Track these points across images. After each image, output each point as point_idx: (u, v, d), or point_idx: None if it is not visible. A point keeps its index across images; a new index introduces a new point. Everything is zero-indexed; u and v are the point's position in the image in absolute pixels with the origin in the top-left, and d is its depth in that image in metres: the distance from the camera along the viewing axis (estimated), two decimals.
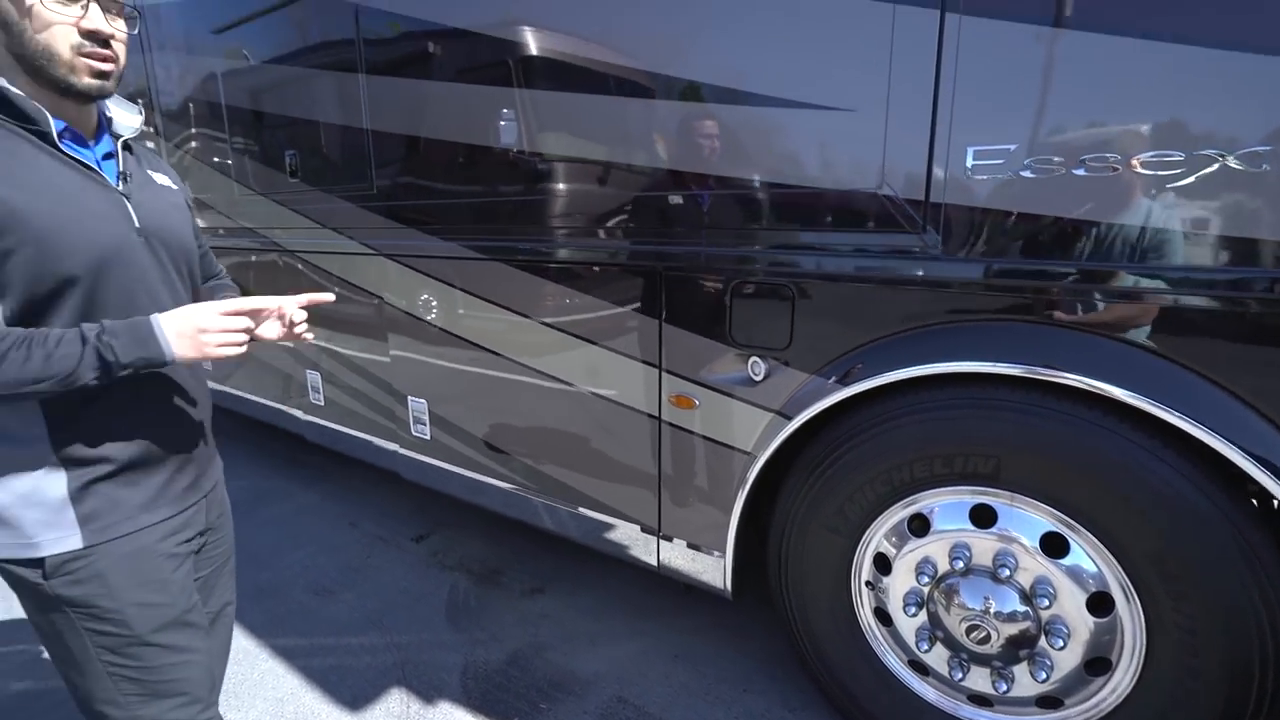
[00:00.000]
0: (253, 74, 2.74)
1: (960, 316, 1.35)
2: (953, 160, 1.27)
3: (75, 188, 0.94)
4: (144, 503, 1.01)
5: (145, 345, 0.91)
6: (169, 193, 1.13)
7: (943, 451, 1.41)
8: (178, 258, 1.07)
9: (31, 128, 0.92)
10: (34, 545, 0.94)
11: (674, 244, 1.68)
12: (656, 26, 1.61)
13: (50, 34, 0.89)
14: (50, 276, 0.89)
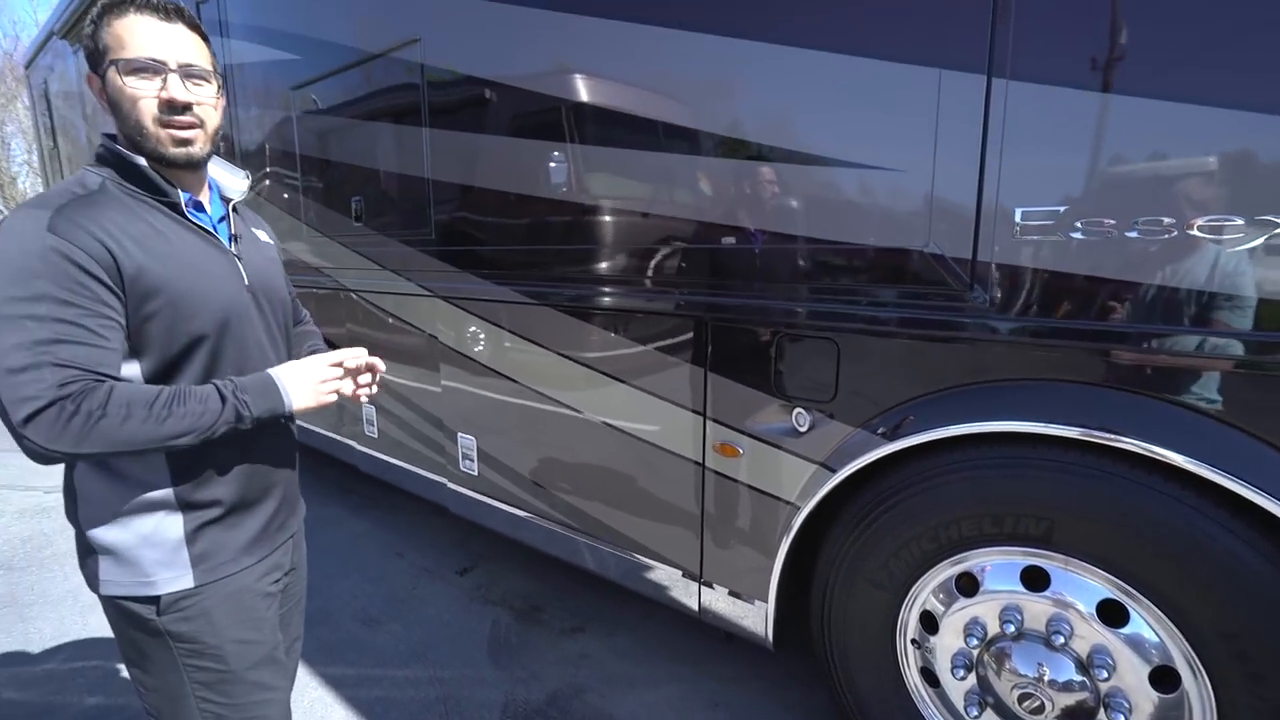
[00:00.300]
0: (325, 125, 2.93)
1: (1011, 375, 1.34)
2: (1000, 220, 1.27)
3: (200, 252, 1.01)
4: (246, 544, 1.08)
5: (271, 398, 0.99)
6: (268, 248, 1.21)
7: (992, 511, 1.39)
8: (277, 310, 1.16)
9: (163, 199, 1.00)
10: (152, 584, 0.99)
11: (720, 295, 1.72)
12: (708, 84, 1.68)
13: (138, 109, 0.94)
14: (183, 335, 0.97)
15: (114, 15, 0.93)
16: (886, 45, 1.36)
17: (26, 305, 0.84)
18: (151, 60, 0.93)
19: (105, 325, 0.89)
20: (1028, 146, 1.24)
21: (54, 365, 0.84)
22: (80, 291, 0.87)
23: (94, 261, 0.88)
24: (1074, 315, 1.25)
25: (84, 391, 0.86)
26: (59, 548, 3.11)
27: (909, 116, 1.35)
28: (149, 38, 0.93)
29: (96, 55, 0.95)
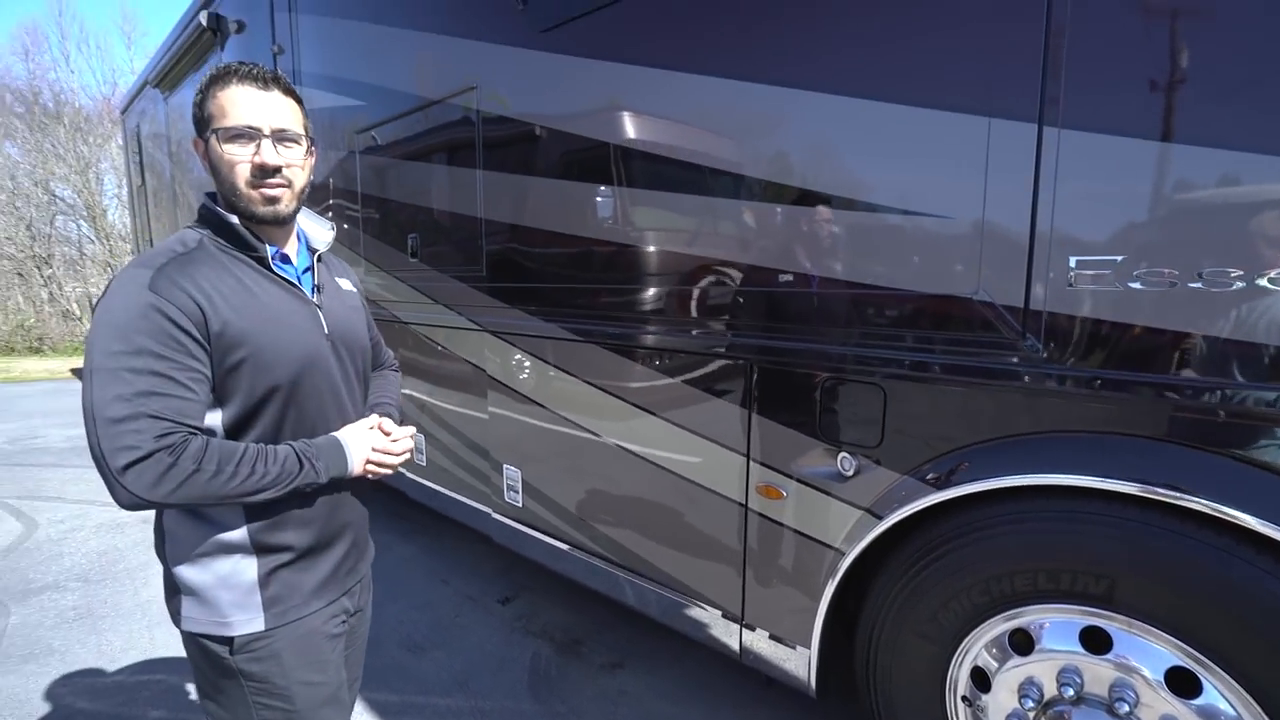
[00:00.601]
0: (385, 166, 3.09)
1: (1066, 426, 1.30)
2: (1054, 269, 1.25)
3: (283, 304, 1.07)
4: (315, 587, 1.11)
5: (339, 464, 1.07)
6: (350, 296, 1.26)
7: (1047, 566, 1.34)
8: (355, 357, 1.20)
9: (252, 254, 1.06)
10: (227, 625, 1.04)
11: (765, 337, 1.72)
12: (759, 130, 1.71)
13: (234, 173, 1.02)
14: (261, 386, 1.02)
15: (218, 86, 1.01)
16: (936, 94, 1.37)
17: (127, 359, 0.90)
18: (247, 127, 1.00)
19: (194, 379, 0.94)
20: (1081, 195, 1.22)
21: (150, 417, 0.90)
22: (174, 346, 0.93)
23: (186, 318, 0.94)
24: (1134, 367, 1.21)
25: (180, 445, 0.91)
26: (130, 562, 3.29)
27: (958, 165, 1.35)
28: (246, 106, 1.00)
29: (202, 122, 1.03)
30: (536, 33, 2.22)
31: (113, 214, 15.54)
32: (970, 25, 1.32)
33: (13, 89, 16.04)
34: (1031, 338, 1.30)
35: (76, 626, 2.66)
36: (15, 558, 3.33)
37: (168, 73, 5.61)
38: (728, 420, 1.84)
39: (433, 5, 2.70)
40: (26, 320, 14.28)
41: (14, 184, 15.14)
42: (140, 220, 7.80)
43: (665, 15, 1.87)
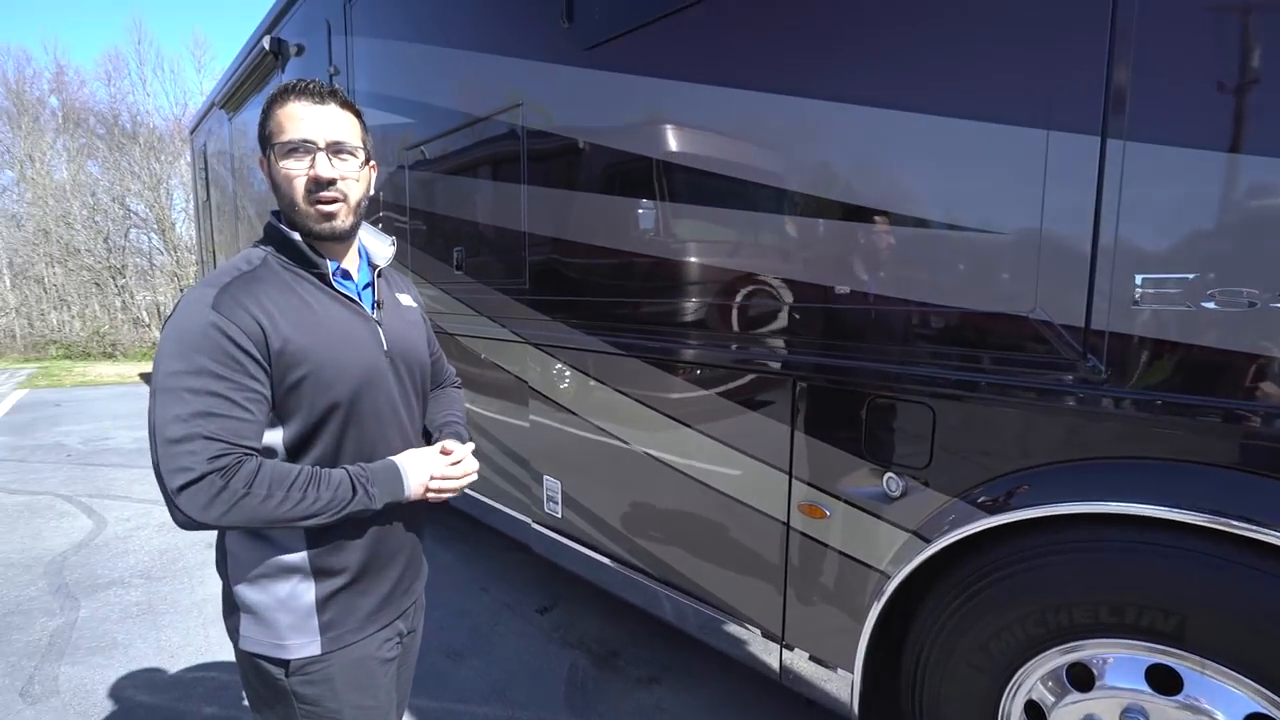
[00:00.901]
0: (432, 181, 3.18)
1: (1129, 452, 1.24)
2: (1117, 287, 1.19)
3: (343, 321, 1.05)
4: (370, 611, 1.10)
5: (394, 490, 1.05)
6: (410, 312, 1.24)
7: (1110, 599, 1.27)
8: (415, 374, 1.19)
9: (313, 270, 1.06)
10: (284, 648, 1.04)
11: (810, 353, 1.69)
12: (808, 144, 1.69)
13: (292, 188, 1.01)
14: (321, 404, 1.01)
15: (277, 104, 1.02)
16: (990, 106, 1.33)
17: (187, 378, 0.91)
18: (302, 141, 1.00)
19: (251, 399, 0.94)
20: (1147, 211, 1.16)
21: (205, 438, 0.90)
22: (232, 365, 0.92)
23: (246, 337, 0.93)
24: (1206, 391, 1.14)
25: (233, 467, 0.90)
26: (189, 561, 3.44)
27: (1015, 179, 1.30)
28: (302, 121, 1.00)
29: (264, 140, 1.04)
30: (581, 50, 2.25)
31: (180, 227, 16.43)
32: (1028, 34, 1.28)
33: (96, 112, 17.20)
34: (1093, 358, 1.24)
35: (139, 622, 2.79)
36: (86, 553, 3.52)
37: (232, 94, 5.91)
38: (769, 437, 1.81)
39: (479, 25, 2.78)
40: (102, 327, 15.18)
41: (94, 200, 16.18)
42: (204, 233, 8.22)
43: (712, 31, 1.87)
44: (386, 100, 3.53)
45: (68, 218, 15.74)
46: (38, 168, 16.04)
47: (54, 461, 5.35)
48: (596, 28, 2.19)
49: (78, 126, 16.78)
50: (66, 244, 15.65)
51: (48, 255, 15.67)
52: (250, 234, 6.21)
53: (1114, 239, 1.19)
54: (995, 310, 1.36)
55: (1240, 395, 1.11)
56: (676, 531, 2.14)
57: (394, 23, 3.39)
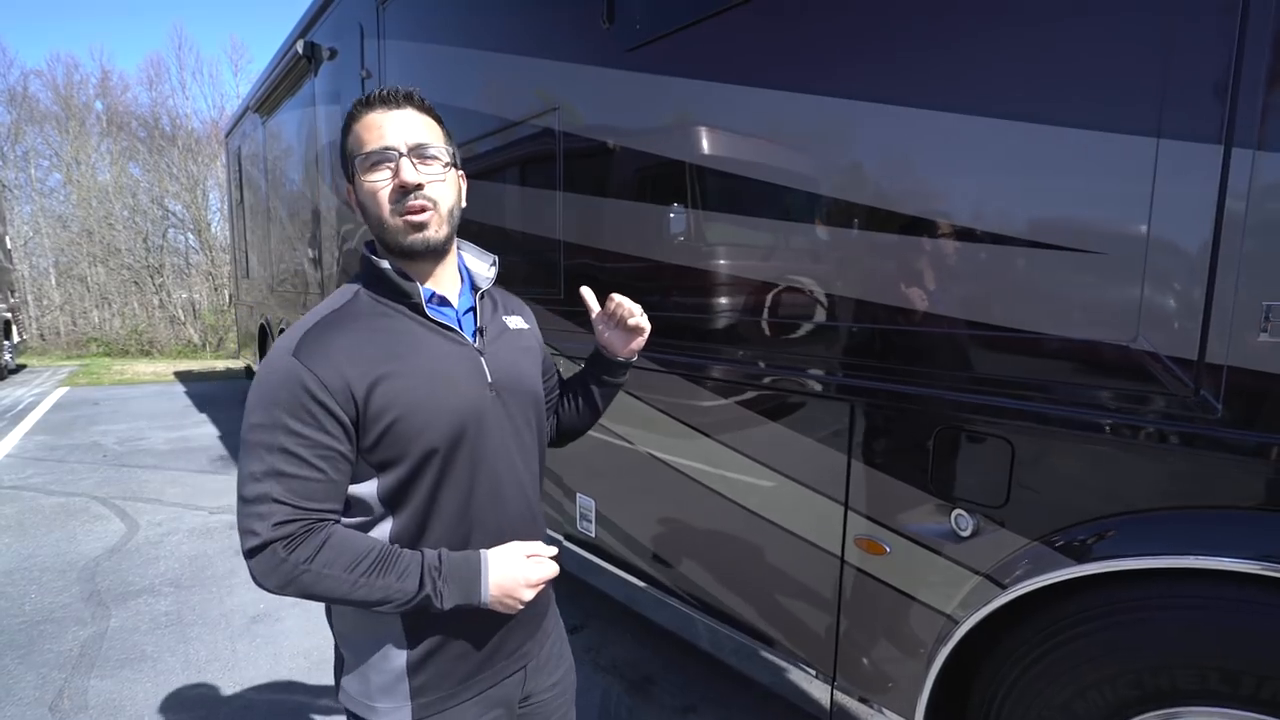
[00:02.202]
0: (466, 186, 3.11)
1: (1248, 502, 1.09)
2: (1240, 317, 1.05)
3: (438, 355, 0.95)
4: (464, 676, 1.00)
5: (468, 591, 0.91)
6: (522, 335, 1.12)
7: (1222, 665, 1.12)
8: (525, 406, 1.06)
9: (405, 301, 0.96)
10: (373, 710, 0.96)
11: (872, 378, 1.57)
12: (876, 153, 1.57)
13: (377, 202, 0.92)
14: (415, 452, 0.91)
15: (353, 120, 0.95)
16: (1086, 111, 1.20)
17: (264, 433, 0.86)
18: (383, 149, 0.91)
19: (325, 456, 0.87)
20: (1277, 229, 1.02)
21: (273, 501, 0.85)
22: (307, 420, 0.86)
23: (324, 388, 0.86)
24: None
25: (296, 536, 0.85)
26: (218, 569, 3.42)
27: (1117, 193, 1.17)
28: (380, 129, 0.92)
29: (347, 164, 0.96)
30: (622, 52, 2.15)
31: (215, 227, 16.79)
32: (1138, 31, 1.14)
33: (138, 116, 17.68)
34: (1207, 394, 1.10)
35: (168, 633, 2.77)
36: (118, 559, 3.53)
37: (266, 98, 5.95)
38: (823, 465, 1.69)
39: (515, 27, 2.70)
40: (140, 325, 15.58)
41: (135, 201, 16.62)
42: (238, 233, 8.34)
43: (762, 30, 1.76)
44: None
45: (110, 218, 16.19)
46: (83, 170, 16.54)
47: (90, 462, 5.43)
48: (639, 29, 2.09)
49: (120, 130, 17.28)
50: (108, 244, 16.09)
51: (90, 255, 16.14)
52: (281, 235, 6.25)
53: (1237, 260, 1.05)
54: (1089, 338, 1.22)
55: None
56: (717, 558, 2.03)
57: (427, 26, 3.34)
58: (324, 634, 2.74)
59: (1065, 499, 1.29)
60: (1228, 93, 1.04)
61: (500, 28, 2.78)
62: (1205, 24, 1.06)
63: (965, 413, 1.41)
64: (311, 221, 5.31)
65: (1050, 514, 1.31)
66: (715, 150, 1.92)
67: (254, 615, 2.92)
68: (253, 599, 3.07)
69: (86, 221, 16.06)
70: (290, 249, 6.05)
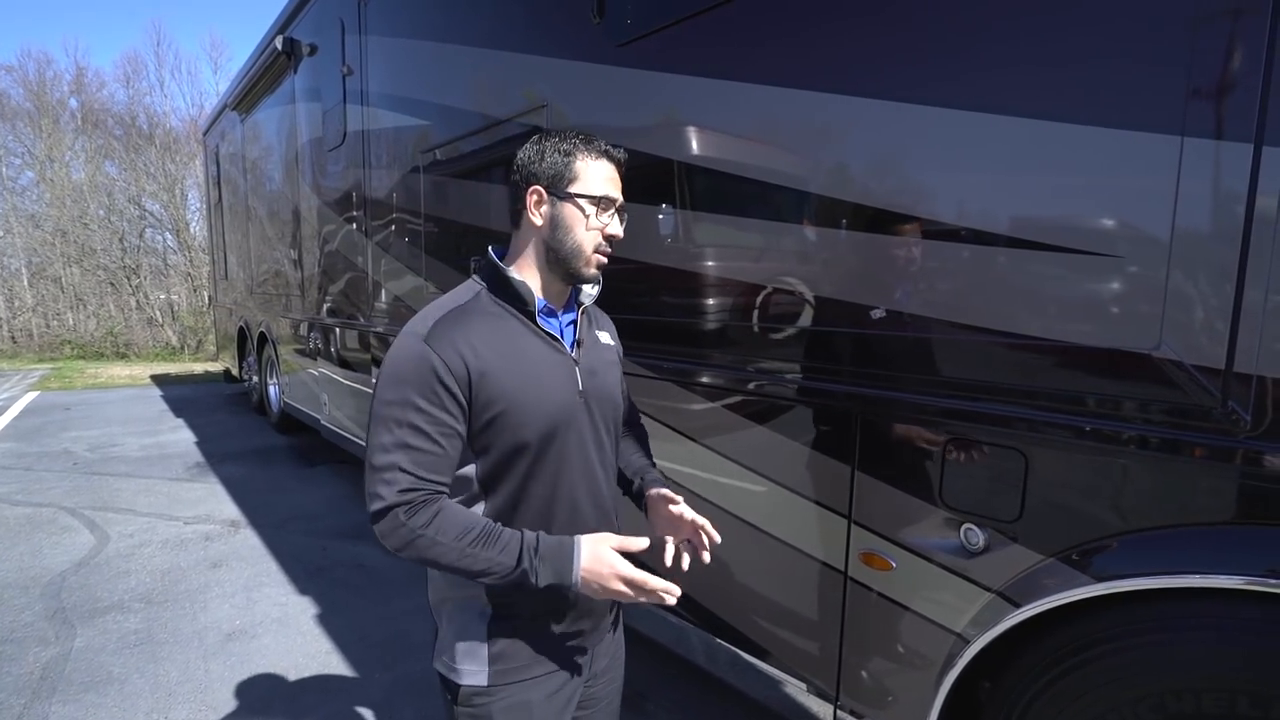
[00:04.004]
0: (450, 186, 3.02)
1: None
2: (1271, 323, 1.00)
3: (541, 359, 1.06)
4: (539, 653, 1.08)
5: (561, 572, 0.98)
6: (608, 351, 1.22)
7: (1251, 688, 1.07)
8: (607, 415, 1.15)
9: (521, 307, 1.07)
10: (456, 672, 1.07)
11: (878, 387, 1.50)
12: (879, 153, 1.51)
13: (587, 235, 1.06)
14: (511, 443, 1.01)
15: (589, 155, 1.06)
16: (1106, 108, 1.14)
17: (395, 409, 0.96)
18: (613, 199, 1.07)
19: (447, 434, 0.98)
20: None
21: (399, 470, 0.95)
22: (434, 400, 0.96)
23: (450, 373, 0.96)
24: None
25: (417, 504, 0.95)
26: (192, 583, 3.29)
27: (1136, 191, 1.11)
28: (611, 182, 1.08)
29: (561, 179, 1.05)
30: (613, 47, 2.08)
31: (195, 227, 16.47)
32: (1162, 22, 1.08)
33: (114, 114, 17.28)
34: (1235, 405, 1.04)
35: (137, 653, 2.64)
36: (86, 573, 3.38)
37: (245, 95, 5.80)
38: (825, 476, 1.62)
39: (501, 22, 2.61)
40: (115, 327, 15.22)
41: (110, 200, 16.25)
42: (216, 234, 8.15)
43: (760, 24, 1.69)
44: (402, 101, 3.38)
45: (84, 218, 15.81)
46: (57, 168, 16.14)
47: (60, 470, 5.25)
48: (630, 24, 2.02)
49: (96, 128, 16.88)
50: (83, 244, 15.71)
51: (65, 255, 15.74)
52: (261, 235, 6.10)
53: (1268, 263, 1.00)
54: (1108, 345, 1.16)
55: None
56: (714, 571, 1.94)
57: (411, 21, 3.24)
58: (303, 652, 2.64)
59: (1082, 513, 1.24)
60: (1259, 86, 0.99)
61: (487, 23, 2.70)
62: (1234, 15, 1.01)
63: (977, 423, 1.35)
64: (292, 222, 5.18)
65: (1067, 529, 1.25)
66: (712, 150, 1.85)
67: (229, 632, 2.80)
68: (228, 614, 2.95)
69: (60, 221, 15.66)
70: (270, 249, 5.90)
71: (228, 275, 7.77)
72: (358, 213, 4.00)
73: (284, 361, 5.81)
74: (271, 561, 3.54)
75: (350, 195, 4.08)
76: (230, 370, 8.26)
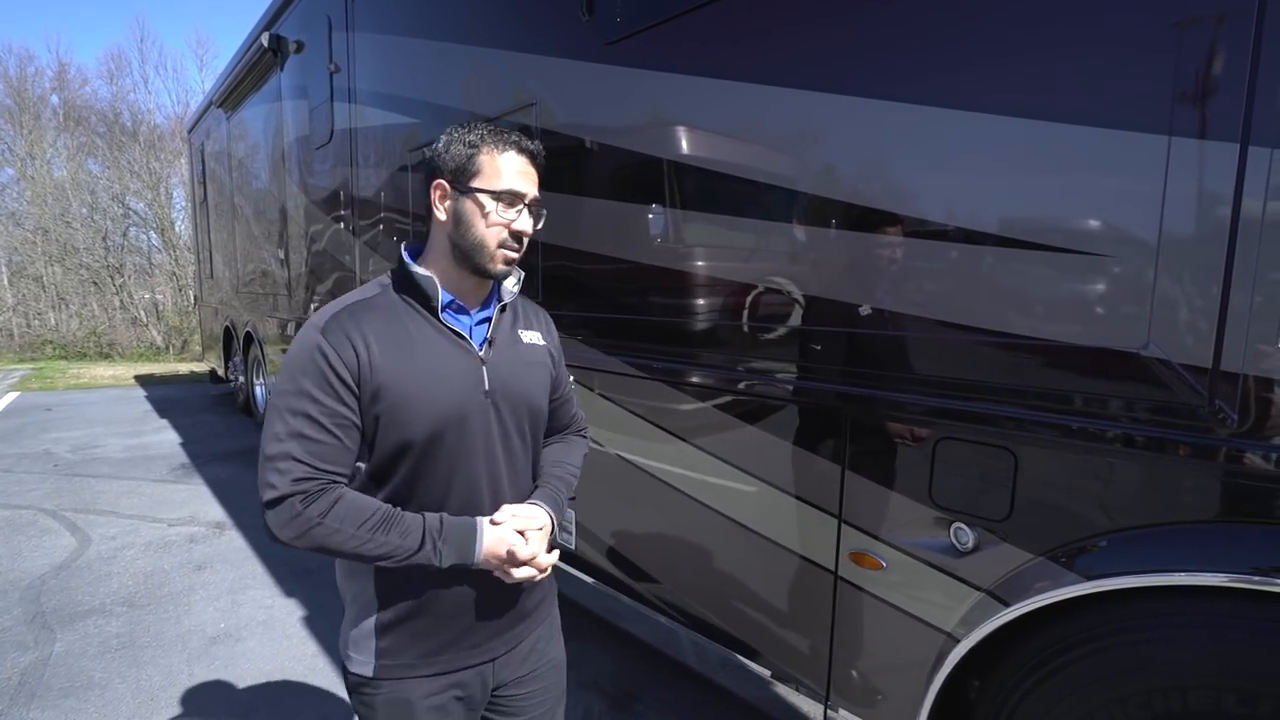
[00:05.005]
0: None
1: (1272, 516, 1.05)
2: (1258, 322, 1.00)
3: (440, 356, 1.05)
4: (424, 654, 1.07)
5: (464, 552, 1.00)
6: (532, 350, 1.18)
7: (1238, 685, 1.08)
8: (520, 417, 1.13)
9: (424, 302, 1.06)
10: (349, 658, 1.09)
11: (867, 386, 1.50)
12: (859, 151, 1.51)
13: (489, 231, 1.03)
14: (395, 439, 1.01)
15: (496, 148, 1.04)
16: (1094, 107, 1.14)
17: (289, 399, 0.97)
18: (517, 193, 1.04)
19: (342, 424, 0.98)
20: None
21: (293, 459, 0.95)
22: (328, 391, 0.96)
23: (343, 364, 0.97)
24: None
25: (313, 493, 0.95)
26: (175, 587, 3.24)
27: (1125, 194, 1.12)
28: (520, 175, 1.05)
29: (463, 172, 1.04)
30: (602, 45, 2.07)
31: (180, 226, 16.26)
32: (1149, 23, 1.09)
33: (97, 110, 17.03)
34: (1222, 404, 1.05)
35: (119, 657, 2.60)
36: (67, 576, 3.33)
37: (230, 93, 5.73)
38: (815, 476, 1.62)
39: (490, 20, 2.59)
40: (99, 327, 15.00)
41: (93, 198, 16.01)
42: (202, 233, 8.05)
43: (751, 22, 1.68)
44: (390, 99, 3.35)
45: (66, 216, 15.57)
46: (38, 165, 15.88)
47: (40, 472, 5.16)
48: (619, 22, 2.01)
49: (78, 125, 16.63)
50: (65, 243, 15.47)
51: (46, 254, 15.49)
52: (247, 234, 6.03)
53: (1254, 262, 1.00)
54: (1097, 344, 1.17)
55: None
56: (704, 571, 1.95)
57: (399, 17, 3.21)
58: (289, 655, 2.61)
59: (1072, 512, 1.24)
60: (1244, 87, 0.99)
61: (475, 20, 2.68)
62: (1220, 17, 1.02)
63: (967, 422, 1.35)
64: (279, 220, 5.12)
65: (1056, 527, 1.26)
66: (701, 149, 1.85)
67: (213, 636, 2.76)
68: (212, 618, 2.91)
69: (42, 219, 15.40)
70: (256, 249, 5.83)
71: (213, 275, 7.68)
72: (345, 211, 3.96)
73: (270, 362, 5.75)
74: (257, 564, 3.50)
75: (337, 194, 4.03)
76: (216, 371, 8.16)
